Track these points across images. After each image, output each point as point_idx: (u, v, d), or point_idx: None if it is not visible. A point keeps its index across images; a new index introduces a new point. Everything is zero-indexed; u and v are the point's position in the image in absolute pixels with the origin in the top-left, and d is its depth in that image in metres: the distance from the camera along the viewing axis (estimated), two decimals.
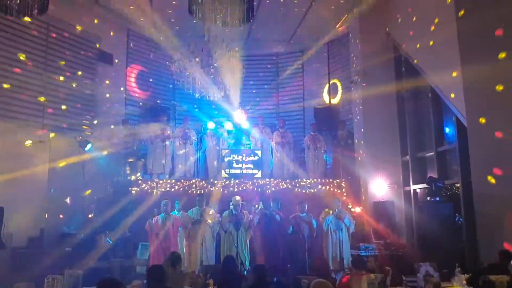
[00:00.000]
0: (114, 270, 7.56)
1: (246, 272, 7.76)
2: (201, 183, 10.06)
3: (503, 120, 6.85)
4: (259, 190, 10.02)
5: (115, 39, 11.55)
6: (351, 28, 11.46)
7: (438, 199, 8.08)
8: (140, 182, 9.96)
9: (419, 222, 8.99)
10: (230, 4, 6.11)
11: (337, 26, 12.12)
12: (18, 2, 5.44)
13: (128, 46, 12.03)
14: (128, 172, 10.45)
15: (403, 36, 9.75)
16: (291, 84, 13.58)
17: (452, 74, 7.59)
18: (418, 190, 9.55)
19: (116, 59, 11.40)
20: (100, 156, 9.89)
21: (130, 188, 9.79)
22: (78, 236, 8.62)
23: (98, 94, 10.77)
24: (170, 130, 10.92)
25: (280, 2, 10.74)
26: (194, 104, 12.29)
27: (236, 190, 9.91)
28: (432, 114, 8.95)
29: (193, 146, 10.83)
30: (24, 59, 9.09)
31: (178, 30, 12.23)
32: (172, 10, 11.06)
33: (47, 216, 8.95)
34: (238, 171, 10.39)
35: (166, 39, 12.75)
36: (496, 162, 6.85)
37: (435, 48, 8.34)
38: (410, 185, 9.68)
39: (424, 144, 9.46)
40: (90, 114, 10.52)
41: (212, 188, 9.98)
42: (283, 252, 8.78)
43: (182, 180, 10.15)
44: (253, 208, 9.26)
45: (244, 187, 10.04)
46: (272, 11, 11.05)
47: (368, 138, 10.26)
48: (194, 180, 10.13)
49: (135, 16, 11.67)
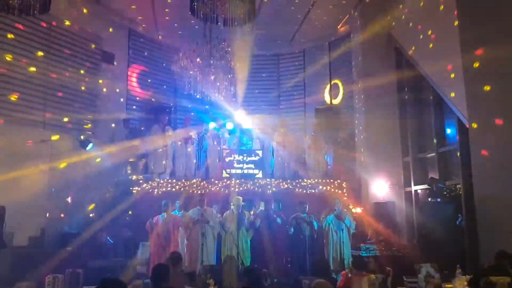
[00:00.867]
0: (114, 270, 7.56)
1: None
2: (202, 183, 10.05)
3: (505, 121, 6.85)
4: (260, 190, 10.02)
5: (117, 38, 11.56)
6: (353, 29, 11.47)
7: (439, 200, 8.06)
8: (141, 181, 9.96)
9: (420, 223, 8.98)
10: (231, 4, 6.10)
11: (338, 27, 12.14)
12: (20, 2, 5.42)
13: (130, 46, 12.05)
14: (129, 171, 10.46)
15: (405, 36, 9.75)
16: (292, 84, 13.58)
17: (454, 75, 7.58)
18: (419, 191, 9.54)
19: (117, 58, 11.41)
20: (101, 155, 9.90)
21: (131, 188, 9.80)
22: (79, 235, 8.63)
23: (99, 94, 10.80)
24: (171, 131, 10.92)
25: (281, 2, 10.74)
26: (195, 104, 12.29)
27: (237, 190, 9.91)
28: (433, 115, 8.94)
29: (194, 146, 10.83)
30: (25, 59, 9.10)
31: (179, 30, 12.26)
32: (173, 9, 11.07)
33: (48, 215, 8.96)
34: (239, 171, 10.39)
35: (167, 39, 12.79)
36: (497, 163, 6.84)
37: (437, 49, 8.33)
38: (411, 185, 9.67)
39: (425, 145, 9.45)
40: (91, 113, 10.54)
41: (213, 188, 9.98)
42: (284, 252, 8.78)
43: (183, 180, 10.15)
44: (254, 208, 9.27)
45: (245, 187, 10.04)
46: (274, 12, 11.05)
47: (369, 139, 10.27)
48: (195, 180, 10.12)
49: (137, 16, 11.73)
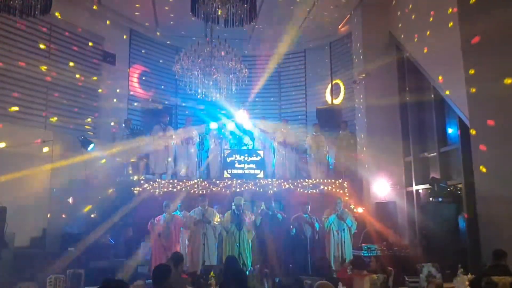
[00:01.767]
0: (116, 270, 7.56)
1: (248, 272, 7.75)
2: (203, 183, 10.05)
3: (506, 120, 6.83)
4: (261, 190, 10.01)
5: (118, 39, 11.58)
6: (354, 28, 11.46)
7: (440, 199, 8.05)
8: (142, 182, 9.96)
9: (421, 223, 8.96)
10: (232, 4, 6.10)
11: (339, 26, 12.13)
12: (21, 2, 5.43)
13: (131, 46, 12.06)
14: (131, 172, 10.47)
15: (406, 36, 9.74)
16: (293, 84, 13.58)
17: (455, 74, 7.56)
18: (421, 191, 9.52)
19: (118, 59, 11.42)
20: (102, 156, 9.91)
21: (133, 188, 9.80)
22: (80, 236, 8.64)
23: (100, 94, 10.81)
24: (172, 131, 10.92)
25: (282, 2, 10.74)
26: (197, 104, 12.29)
27: (238, 190, 9.91)
28: (434, 115, 8.92)
29: (195, 146, 10.83)
30: (27, 59, 9.11)
31: (180, 30, 12.27)
32: (174, 10, 11.08)
33: (49, 216, 8.97)
34: (240, 171, 10.39)
35: (168, 39, 12.81)
36: (499, 163, 6.83)
37: (438, 48, 8.31)
38: (412, 185, 9.66)
39: (427, 145, 9.43)
40: (92, 114, 10.55)
41: (214, 188, 9.98)
42: (285, 253, 8.77)
43: (184, 180, 10.15)
44: (255, 208, 9.26)
45: (246, 187, 10.03)
46: (275, 12, 11.05)
47: (371, 139, 10.25)
48: (196, 180, 10.12)
49: (138, 16, 11.74)
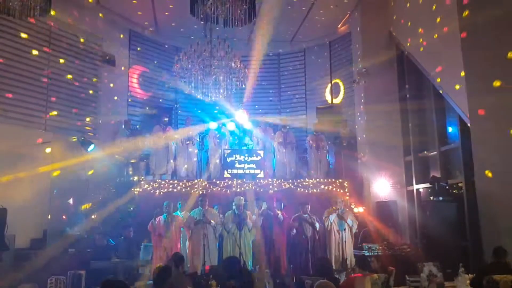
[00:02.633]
0: (116, 271, 7.56)
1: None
2: (203, 184, 10.03)
3: (506, 118, 6.82)
4: (262, 190, 10.00)
5: (117, 40, 11.57)
6: (353, 27, 11.45)
7: (441, 198, 8.04)
8: (142, 182, 9.96)
9: (422, 222, 8.96)
10: (232, 5, 6.10)
11: (339, 26, 12.13)
12: (21, 4, 5.41)
13: (130, 47, 12.05)
14: (131, 172, 10.46)
15: (406, 35, 9.73)
16: (293, 84, 13.57)
17: (455, 73, 7.56)
18: (421, 190, 9.52)
19: (118, 59, 11.40)
20: (102, 156, 9.91)
21: (133, 189, 9.79)
22: (81, 237, 8.63)
23: (100, 95, 10.80)
24: (172, 131, 10.92)
25: (282, 2, 10.73)
26: (196, 105, 12.29)
27: (238, 190, 9.90)
28: (434, 113, 8.92)
29: (195, 147, 10.83)
30: (27, 60, 9.10)
31: (179, 31, 12.27)
32: (174, 10, 11.07)
33: (49, 217, 8.95)
34: (241, 171, 10.38)
35: (168, 39, 12.80)
36: (500, 161, 6.82)
37: (438, 47, 8.31)
38: (413, 184, 9.66)
39: (427, 144, 9.42)
40: (92, 115, 10.54)
41: (214, 189, 9.97)
42: (286, 253, 8.76)
43: (185, 180, 10.14)
44: (255, 208, 9.25)
45: (247, 187, 10.03)
46: (274, 11, 11.03)
47: (371, 138, 10.24)
48: (196, 181, 10.10)
49: (137, 17, 11.73)
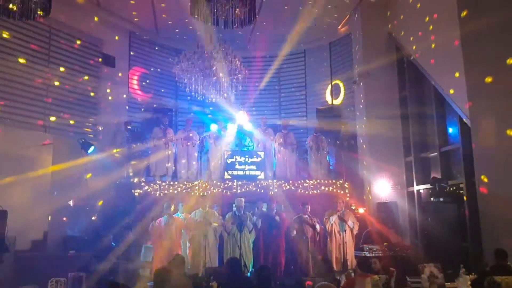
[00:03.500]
0: (117, 273, 7.56)
1: (249, 274, 7.75)
2: (203, 185, 10.04)
3: (507, 119, 6.82)
4: (262, 191, 10.00)
5: (118, 41, 11.57)
6: (353, 29, 11.45)
7: (441, 199, 8.04)
8: (143, 184, 9.96)
9: (423, 223, 8.94)
10: (232, 6, 6.10)
11: (339, 27, 12.13)
12: (21, 5, 5.42)
13: (130, 49, 12.05)
14: (131, 174, 10.46)
15: (406, 36, 9.73)
16: (293, 85, 13.57)
17: (455, 74, 7.56)
18: (422, 191, 9.51)
19: (118, 61, 11.41)
20: (102, 158, 9.91)
21: (133, 191, 9.80)
22: (82, 239, 8.62)
23: (100, 97, 10.81)
24: (172, 133, 10.92)
25: (282, 3, 10.74)
26: (197, 106, 12.29)
27: (239, 191, 9.90)
28: (435, 114, 8.91)
29: (195, 148, 10.83)
30: (27, 62, 9.11)
31: (179, 32, 12.27)
32: (174, 12, 11.08)
33: (50, 219, 8.96)
34: (241, 173, 10.38)
35: (168, 41, 12.81)
36: (500, 162, 6.82)
37: (438, 48, 8.31)
38: (413, 185, 9.65)
39: (428, 145, 9.41)
40: (92, 117, 10.55)
41: (214, 190, 9.96)
42: (286, 254, 8.77)
43: (185, 182, 10.15)
44: (256, 209, 9.26)
45: (247, 189, 10.03)
46: (274, 12, 11.05)
47: (371, 139, 10.23)
48: (196, 182, 10.10)
49: (137, 19, 11.74)
